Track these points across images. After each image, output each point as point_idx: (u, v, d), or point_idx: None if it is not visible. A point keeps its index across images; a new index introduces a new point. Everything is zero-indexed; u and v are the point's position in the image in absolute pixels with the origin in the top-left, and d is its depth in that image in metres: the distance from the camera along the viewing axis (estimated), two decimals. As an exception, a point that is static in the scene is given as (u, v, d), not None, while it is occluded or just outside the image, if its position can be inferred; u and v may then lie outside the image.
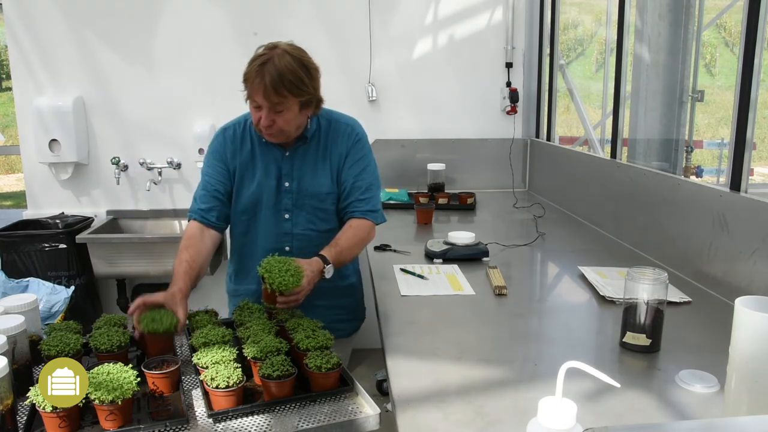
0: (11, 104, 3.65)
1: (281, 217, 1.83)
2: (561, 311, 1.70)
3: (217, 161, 1.84)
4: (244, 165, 1.83)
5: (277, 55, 1.65)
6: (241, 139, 1.84)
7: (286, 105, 1.66)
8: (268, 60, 1.63)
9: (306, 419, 1.23)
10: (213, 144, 1.88)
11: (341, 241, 1.74)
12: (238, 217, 1.85)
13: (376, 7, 3.33)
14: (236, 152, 1.83)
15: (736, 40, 11.67)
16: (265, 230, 1.84)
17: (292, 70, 1.64)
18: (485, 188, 3.41)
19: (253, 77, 1.64)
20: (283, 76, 1.62)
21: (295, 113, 1.70)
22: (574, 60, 11.31)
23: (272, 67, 1.62)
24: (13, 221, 3.23)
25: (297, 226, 1.83)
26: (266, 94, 1.63)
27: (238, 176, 1.83)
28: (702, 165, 6.52)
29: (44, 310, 2.03)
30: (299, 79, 1.65)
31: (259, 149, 1.83)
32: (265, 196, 1.82)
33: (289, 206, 1.82)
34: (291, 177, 1.82)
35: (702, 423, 0.93)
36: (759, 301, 0.99)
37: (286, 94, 1.64)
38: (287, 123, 1.70)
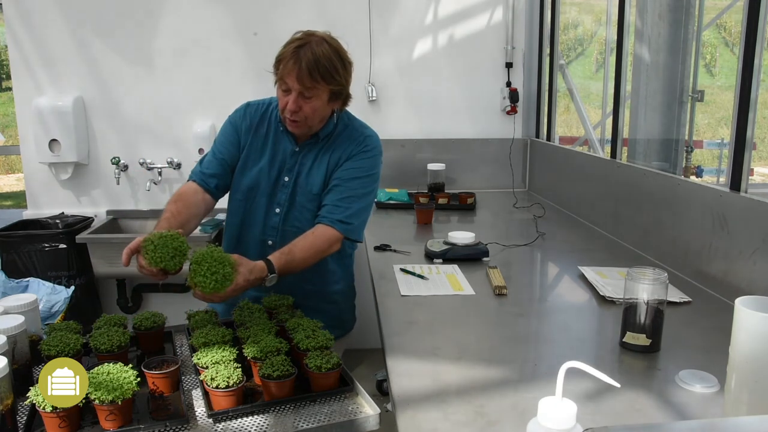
0: (11, 104, 3.66)
1: (273, 210, 1.81)
2: (561, 311, 1.70)
3: (232, 131, 1.83)
4: (254, 146, 1.81)
5: (315, 41, 1.64)
6: (260, 118, 1.82)
7: (316, 92, 1.64)
8: (306, 44, 1.62)
9: (306, 419, 1.23)
10: (234, 114, 1.86)
11: (295, 249, 1.64)
12: (234, 195, 1.83)
13: (376, 7, 3.33)
14: (250, 129, 1.82)
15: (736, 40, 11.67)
16: (256, 220, 1.83)
17: (328, 57, 1.63)
18: (485, 188, 3.41)
19: (287, 59, 1.62)
20: (318, 62, 1.60)
21: (323, 102, 1.68)
22: (574, 60, 11.31)
23: (309, 52, 1.61)
24: (13, 221, 3.23)
25: (286, 222, 1.81)
26: (299, 77, 1.61)
27: (245, 154, 1.81)
28: (702, 165, 6.52)
29: (44, 310, 2.03)
30: (334, 67, 1.64)
31: (273, 136, 1.81)
32: (263, 185, 1.80)
33: (283, 201, 1.80)
34: (292, 172, 1.80)
35: (702, 423, 0.93)
36: (759, 301, 0.99)
37: (319, 80, 1.62)
38: (313, 111, 1.68)
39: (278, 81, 1.67)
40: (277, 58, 1.67)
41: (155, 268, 1.43)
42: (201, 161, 1.85)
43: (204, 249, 1.45)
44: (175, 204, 1.70)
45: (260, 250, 1.81)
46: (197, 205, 1.75)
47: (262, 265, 1.55)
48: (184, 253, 1.45)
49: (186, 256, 1.45)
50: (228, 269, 1.44)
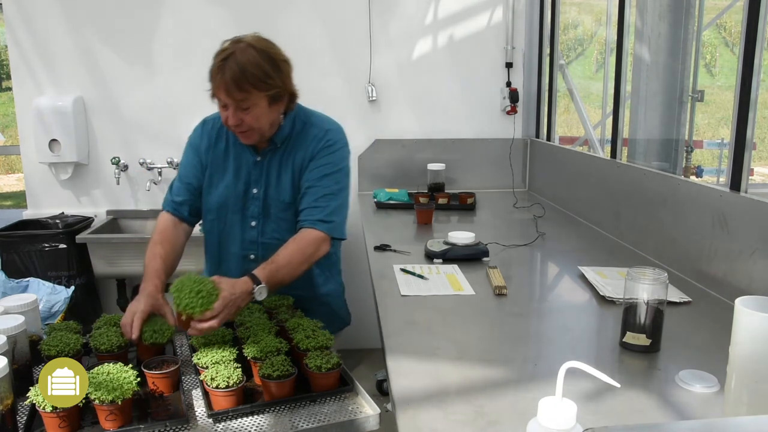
0: (11, 104, 3.65)
1: (248, 224, 1.78)
2: (561, 311, 1.70)
3: (193, 153, 1.80)
4: (216, 163, 1.78)
5: (239, 49, 1.56)
6: (217, 135, 1.79)
7: (251, 101, 1.58)
8: (231, 55, 1.56)
9: (306, 419, 1.23)
10: (192, 134, 1.84)
11: (279, 258, 1.58)
12: (206, 216, 1.82)
13: (376, 7, 3.33)
14: (210, 148, 1.79)
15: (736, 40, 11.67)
16: (233, 236, 1.80)
17: (255, 64, 1.55)
18: (485, 188, 3.41)
19: (215, 74, 1.57)
20: (245, 71, 1.53)
21: (263, 109, 1.61)
22: (574, 60, 11.31)
23: (233, 63, 1.54)
24: (13, 221, 3.23)
25: (264, 234, 1.78)
26: (228, 91, 1.55)
27: (208, 173, 1.78)
28: (702, 165, 6.52)
29: (44, 310, 2.03)
30: (264, 72, 1.56)
31: (233, 150, 1.77)
32: (232, 201, 1.76)
33: (256, 213, 1.77)
34: (259, 183, 1.76)
35: (702, 423, 0.93)
36: (759, 301, 0.99)
37: (249, 89, 1.56)
38: (256, 120, 1.62)
39: (212, 97, 1.63)
40: (208, 73, 1.61)
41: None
42: (170, 188, 1.83)
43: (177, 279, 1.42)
44: (162, 246, 1.67)
45: (243, 266, 1.78)
46: (181, 242, 1.75)
47: (245, 279, 1.49)
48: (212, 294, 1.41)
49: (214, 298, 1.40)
50: (210, 285, 1.40)
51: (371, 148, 3.42)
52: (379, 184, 3.37)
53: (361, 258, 2.18)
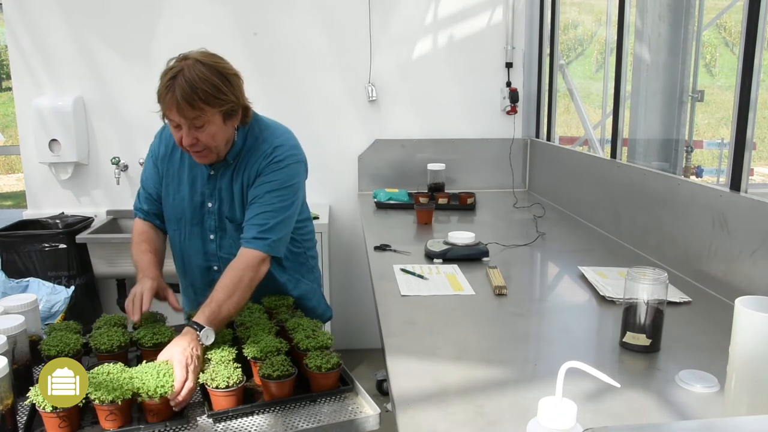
0: (11, 104, 3.65)
1: (207, 236, 1.75)
2: (561, 311, 1.70)
3: (151, 162, 1.78)
4: (171, 174, 1.74)
5: (187, 66, 1.49)
6: (173, 143, 1.68)
7: (205, 118, 1.51)
8: (179, 72, 1.48)
9: (306, 419, 1.23)
10: (153, 142, 1.81)
11: (218, 294, 1.48)
12: (168, 225, 1.80)
13: (376, 8, 3.33)
14: (166, 157, 1.75)
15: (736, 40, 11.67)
16: (194, 247, 1.77)
17: (205, 79, 1.48)
18: (485, 188, 3.41)
19: (164, 94, 1.49)
20: (195, 88, 1.46)
21: (219, 126, 1.54)
22: (574, 60, 11.31)
23: (182, 80, 1.47)
24: (13, 221, 3.23)
25: (222, 249, 1.74)
26: (180, 110, 1.47)
27: (164, 183, 1.75)
28: (702, 165, 6.53)
29: (44, 310, 2.03)
30: (215, 87, 1.49)
31: (188, 162, 1.72)
32: (189, 213, 1.73)
33: (213, 228, 1.73)
34: (213, 198, 1.71)
35: (702, 423, 0.93)
36: (759, 301, 0.99)
37: (202, 106, 1.48)
38: (212, 138, 1.54)
39: (164, 119, 1.56)
40: (156, 94, 1.53)
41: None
42: (138, 194, 1.82)
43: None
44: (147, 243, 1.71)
45: (208, 277, 1.77)
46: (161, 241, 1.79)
47: (188, 329, 1.39)
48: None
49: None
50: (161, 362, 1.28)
51: (371, 148, 3.42)
52: (379, 184, 3.37)
53: (361, 258, 2.18)
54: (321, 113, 3.40)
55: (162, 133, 1.79)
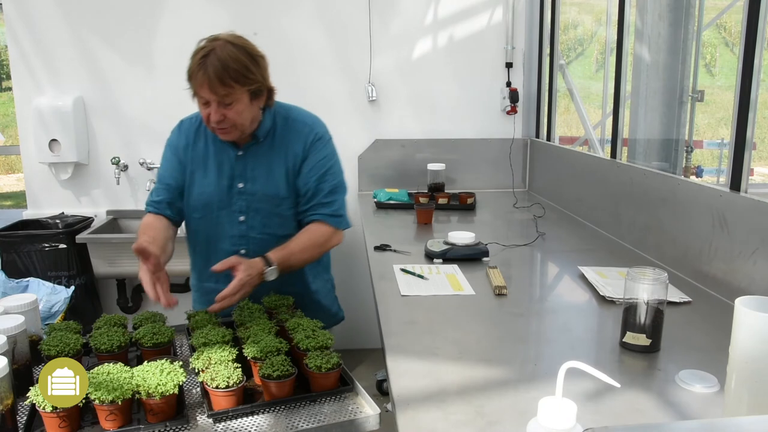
0: (11, 104, 3.65)
1: (236, 219, 1.79)
2: (561, 311, 1.70)
3: (171, 154, 1.82)
4: (196, 161, 1.80)
5: (218, 46, 1.59)
6: (195, 133, 1.81)
7: (234, 96, 1.61)
8: (210, 52, 1.58)
9: (306, 419, 1.23)
10: (170, 136, 1.87)
11: (292, 245, 1.68)
12: (190, 214, 1.83)
13: (376, 7, 3.33)
14: (188, 147, 1.81)
15: (736, 40, 11.67)
16: (221, 232, 1.80)
17: (236, 59, 1.58)
18: (485, 188, 3.41)
19: (196, 71, 1.58)
20: (227, 66, 1.56)
21: (245, 104, 1.65)
22: (574, 60, 11.31)
23: (215, 58, 1.57)
24: (13, 221, 3.23)
25: (253, 229, 1.78)
26: (212, 87, 1.57)
27: (189, 172, 1.80)
28: (702, 165, 6.53)
29: (44, 310, 2.03)
30: (245, 67, 1.60)
31: (212, 147, 1.79)
32: (217, 197, 1.78)
33: (244, 208, 1.78)
34: (244, 178, 1.77)
35: (702, 423, 0.93)
36: (759, 301, 0.99)
37: (232, 84, 1.58)
38: (239, 115, 1.64)
39: (194, 96, 1.65)
40: (187, 72, 1.63)
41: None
42: (152, 190, 1.85)
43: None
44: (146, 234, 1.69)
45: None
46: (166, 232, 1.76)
47: (259, 259, 1.60)
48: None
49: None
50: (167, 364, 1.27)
51: (371, 148, 3.42)
52: (379, 184, 3.37)
53: (361, 258, 2.18)
54: (321, 113, 3.35)
55: (180, 127, 1.85)
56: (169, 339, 1.46)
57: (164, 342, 1.45)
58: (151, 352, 1.42)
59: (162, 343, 1.44)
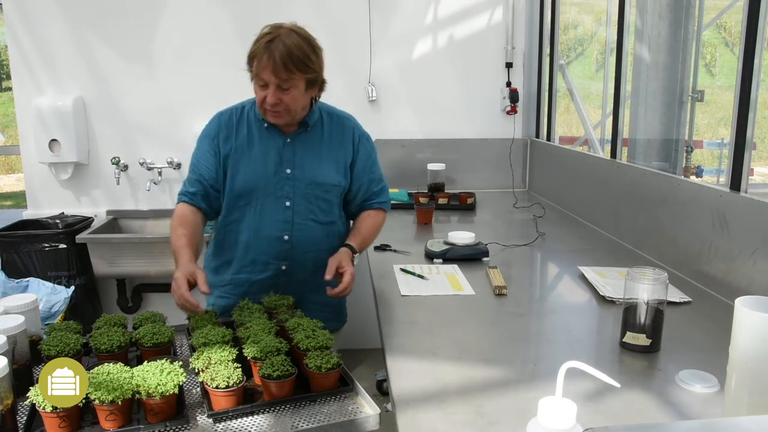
0: (11, 104, 3.65)
1: (282, 204, 1.81)
2: (561, 311, 1.70)
3: (207, 145, 1.84)
4: (240, 149, 1.81)
5: (284, 33, 1.67)
6: (237, 123, 1.84)
7: (293, 82, 1.67)
8: (276, 38, 1.65)
9: (306, 419, 1.23)
10: (207, 127, 1.88)
11: (363, 230, 1.85)
12: (234, 202, 1.83)
13: (376, 8, 3.33)
14: (230, 137, 1.83)
15: (736, 40, 11.67)
16: (267, 217, 1.81)
17: (299, 47, 1.66)
18: (485, 188, 3.41)
19: (261, 54, 1.65)
20: (291, 53, 1.63)
21: (301, 91, 1.71)
22: (574, 60, 11.31)
23: (280, 44, 1.64)
24: (13, 221, 3.23)
25: (298, 215, 1.81)
26: (275, 70, 1.63)
27: (233, 160, 1.81)
28: (702, 165, 6.53)
29: (44, 310, 2.03)
30: (306, 55, 1.67)
31: (258, 134, 1.82)
32: (263, 183, 1.80)
33: (291, 194, 1.81)
34: (293, 164, 1.80)
35: (702, 423, 0.93)
36: (759, 301, 0.99)
37: (294, 71, 1.65)
38: (294, 101, 1.70)
39: (254, 78, 1.71)
40: (249, 55, 1.70)
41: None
42: (186, 180, 1.86)
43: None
44: (184, 227, 1.73)
45: (277, 248, 1.82)
46: (200, 226, 1.80)
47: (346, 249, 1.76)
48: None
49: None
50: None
51: (371, 147, 3.42)
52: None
53: (361, 258, 2.18)
54: (321, 113, 3.39)
55: (220, 118, 1.87)
56: (169, 339, 1.46)
57: (164, 342, 1.44)
58: (151, 352, 1.42)
59: (162, 343, 1.44)
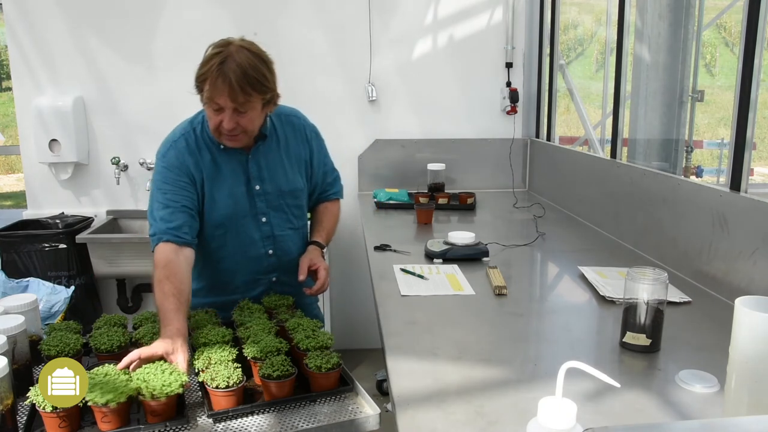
0: (11, 104, 3.65)
1: (259, 221, 1.77)
2: (561, 311, 1.70)
3: (177, 175, 1.67)
4: (210, 176, 1.70)
5: (234, 50, 1.54)
6: (197, 148, 1.70)
7: (250, 105, 1.57)
8: (227, 57, 1.52)
9: (306, 419, 1.23)
10: (166, 159, 1.69)
11: (325, 224, 1.90)
12: (213, 231, 1.73)
13: (376, 8, 3.33)
14: (198, 163, 1.69)
15: (736, 40, 11.67)
16: (249, 238, 1.77)
17: (254, 67, 1.54)
18: (485, 188, 3.41)
19: (214, 78, 1.52)
20: (246, 73, 1.52)
21: (258, 112, 1.61)
22: (574, 60, 11.31)
23: (233, 64, 1.51)
24: (13, 221, 3.22)
25: (276, 227, 1.79)
26: (232, 95, 1.52)
27: (207, 188, 1.70)
28: (702, 165, 6.53)
29: (44, 310, 2.03)
30: (262, 75, 1.56)
31: (219, 156, 1.71)
32: (240, 207, 1.74)
33: (264, 209, 1.77)
34: (260, 179, 1.75)
35: (702, 423, 0.93)
36: (759, 301, 0.99)
37: (251, 93, 1.54)
38: (251, 122, 1.61)
39: (207, 102, 1.58)
40: (199, 77, 1.57)
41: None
42: (156, 218, 1.63)
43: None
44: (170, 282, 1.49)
45: (264, 264, 1.81)
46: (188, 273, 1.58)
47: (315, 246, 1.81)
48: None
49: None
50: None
51: (371, 148, 3.42)
52: (379, 184, 3.37)
53: (361, 258, 2.18)
54: (321, 113, 3.35)
55: (176, 146, 1.70)
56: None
57: None
58: None
59: None
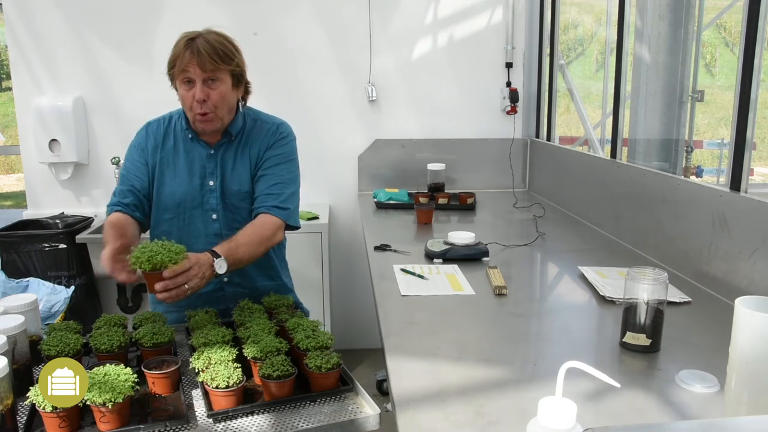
0: (11, 104, 3.65)
1: (209, 217, 1.79)
2: (561, 311, 1.70)
3: (137, 155, 1.81)
4: (165, 161, 1.80)
5: (203, 32, 1.71)
6: (164, 134, 1.83)
7: (219, 74, 1.68)
8: (196, 37, 1.69)
9: (306, 419, 1.23)
10: (136, 138, 1.86)
11: (238, 237, 1.64)
12: (161, 215, 1.80)
13: (376, 8, 3.33)
14: (157, 147, 1.81)
15: (736, 40, 11.66)
16: (196, 231, 1.79)
17: (221, 42, 1.69)
18: (485, 188, 3.41)
19: (182, 53, 1.67)
20: (214, 46, 1.66)
21: (228, 87, 1.71)
22: (574, 60, 11.30)
23: (202, 40, 1.67)
24: (13, 221, 3.23)
25: (225, 227, 1.79)
26: (201, 63, 1.64)
27: (158, 172, 1.79)
28: (702, 165, 6.53)
29: (44, 310, 2.03)
30: (229, 49, 1.69)
31: (183, 146, 1.80)
32: (190, 196, 1.78)
33: (215, 206, 1.79)
34: (215, 176, 1.79)
35: (702, 423, 0.93)
36: (759, 301, 0.99)
37: (219, 62, 1.66)
38: (222, 98, 1.69)
39: (178, 77, 1.71)
40: (170, 60, 1.72)
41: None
42: (114, 192, 1.79)
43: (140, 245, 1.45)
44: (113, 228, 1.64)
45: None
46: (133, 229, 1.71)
47: (206, 253, 1.52)
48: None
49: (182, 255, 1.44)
50: (176, 246, 1.44)
51: (371, 148, 3.42)
52: (379, 184, 3.37)
53: (361, 258, 2.18)
54: (321, 113, 3.40)
55: (148, 129, 1.86)
56: (169, 339, 1.46)
57: (164, 342, 1.44)
58: (151, 352, 1.42)
59: (162, 343, 1.44)
